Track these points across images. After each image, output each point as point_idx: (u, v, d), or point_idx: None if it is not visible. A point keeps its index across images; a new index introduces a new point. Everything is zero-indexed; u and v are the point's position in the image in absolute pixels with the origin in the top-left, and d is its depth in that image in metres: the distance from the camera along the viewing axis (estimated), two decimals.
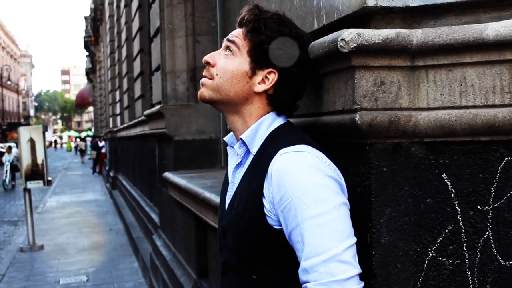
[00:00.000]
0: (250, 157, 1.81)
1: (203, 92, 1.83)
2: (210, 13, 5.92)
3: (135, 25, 11.47)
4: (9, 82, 69.11)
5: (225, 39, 1.85)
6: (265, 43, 1.77)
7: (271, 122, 1.82)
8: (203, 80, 1.83)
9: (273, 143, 1.73)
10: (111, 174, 20.16)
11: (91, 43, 36.41)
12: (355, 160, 1.84)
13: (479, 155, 1.70)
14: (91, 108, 57.33)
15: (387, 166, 1.77)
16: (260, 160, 1.74)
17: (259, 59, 1.78)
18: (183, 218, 5.31)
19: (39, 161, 10.59)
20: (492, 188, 1.69)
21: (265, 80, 1.80)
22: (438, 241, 1.76)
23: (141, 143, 11.19)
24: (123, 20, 14.94)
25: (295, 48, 1.82)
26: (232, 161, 1.92)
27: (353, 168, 1.85)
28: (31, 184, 10.60)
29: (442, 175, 1.74)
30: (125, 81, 15.27)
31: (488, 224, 1.71)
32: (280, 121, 1.83)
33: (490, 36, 1.59)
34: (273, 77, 1.79)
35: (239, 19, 1.86)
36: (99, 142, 30.29)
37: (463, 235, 1.74)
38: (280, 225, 1.64)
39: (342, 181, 1.67)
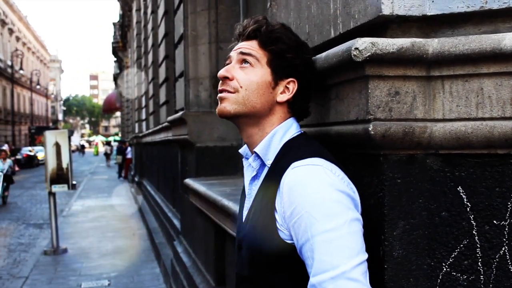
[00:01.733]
0: (265, 170, 1.80)
1: (226, 107, 1.78)
2: (233, 20, 5.92)
3: (161, 31, 11.54)
4: (38, 87, 70.16)
5: (235, 53, 1.83)
6: (285, 53, 1.77)
7: (284, 132, 1.80)
8: (224, 94, 1.79)
9: (287, 155, 1.71)
10: (136, 179, 20.30)
11: (119, 48, 36.80)
12: (368, 171, 1.81)
13: (495, 168, 1.66)
14: (118, 113, 57.79)
15: (401, 178, 1.73)
16: (273, 173, 1.72)
17: (279, 69, 1.78)
18: (203, 225, 5.30)
19: (64, 165, 10.69)
20: (509, 203, 1.65)
21: (286, 90, 1.80)
22: (453, 255, 1.72)
23: (165, 149, 11.24)
24: (149, 26, 15.06)
25: (310, 56, 1.85)
26: (248, 173, 1.91)
27: (367, 179, 1.82)
28: (55, 188, 10.70)
29: (458, 188, 1.70)
30: (151, 86, 15.37)
31: (504, 239, 1.66)
32: (293, 130, 1.81)
33: (508, 46, 1.55)
34: (293, 86, 1.81)
35: (243, 31, 1.84)
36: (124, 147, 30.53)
37: (478, 250, 1.69)
38: (292, 239, 1.62)
39: (355, 195, 1.64)
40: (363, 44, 1.62)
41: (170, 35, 10.58)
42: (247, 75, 1.77)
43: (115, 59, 43.94)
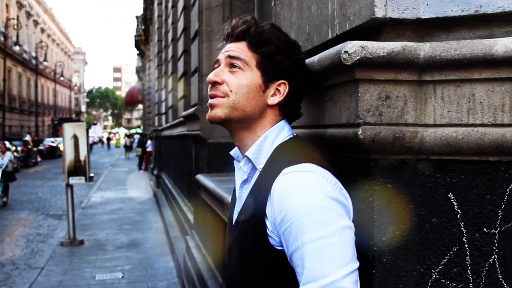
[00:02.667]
0: (257, 174, 1.77)
1: (217, 112, 1.75)
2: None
3: (180, 26, 11.56)
4: (62, 78, 70.76)
5: (223, 56, 1.79)
6: (275, 54, 1.74)
7: (276, 135, 1.77)
8: (214, 100, 1.76)
9: (278, 160, 1.68)
10: (155, 172, 20.40)
11: (142, 42, 36.97)
12: (360, 175, 1.79)
13: (487, 176, 1.63)
14: (141, 106, 58.10)
15: (391, 182, 1.71)
16: (264, 177, 1.69)
17: (269, 71, 1.75)
18: (212, 221, 5.31)
19: (82, 157, 10.77)
20: (500, 211, 1.62)
21: (277, 92, 1.77)
22: (442, 262, 1.70)
23: (181, 143, 11.28)
24: (170, 20, 15.09)
25: (301, 56, 1.82)
26: (239, 176, 1.88)
27: (359, 183, 1.80)
28: (73, 180, 10.79)
29: (449, 195, 1.68)
30: (170, 80, 15.42)
31: (494, 248, 1.64)
32: (285, 133, 1.79)
33: (499, 52, 1.52)
34: (284, 88, 1.77)
35: (232, 32, 1.81)
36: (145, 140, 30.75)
37: (468, 258, 1.67)
38: (282, 246, 1.60)
39: (348, 201, 1.61)
40: (353, 48, 1.60)
41: (188, 29, 10.59)
42: (237, 78, 1.73)
43: (138, 52, 44.16)
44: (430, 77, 1.65)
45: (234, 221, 1.85)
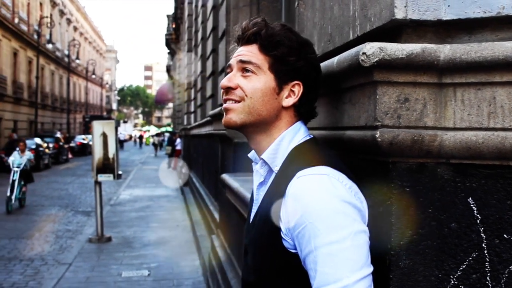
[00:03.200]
0: (273, 176, 1.76)
1: (232, 117, 1.74)
2: (275, 17, 5.89)
3: (209, 25, 11.59)
4: (93, 76, 71.55)
5: (235, 60, 1.77)
6: (287, 56, 1.72)
7: (292, 137, 1.76)
8: (229, 105, 1.74)
9: (293, 162, 1.67)
10: (184, 170, 20.50)
11: (172, 40, 37.21)
12: (378, 179, 1.77)
13: (508, 181, 1.60)
14: (171, 104, 58.48)
15: (410, 186, 1.69)
16: (280, 180, 1.68)
17: (282, 73, 1.73)
18: (236, 220, 5.31)
19: (110, 155, 10.90)
20: None
21: (291, 94, 1.75)
22: (461, 268, 1.67)
23: (209, 142, 11.31)
24: (199, 19, 15.15)
25: (314, 55, 1.80)
26: (256, 178, 1.88)
27: (377, 186, 1.78)
28: (101, 177, 10.91)
29: (468, 199, 1.65)
30: (199, 79, 15.48)
31: None
32: (301, 135, 1.77)
33: None
34: (298, 89, 1.75)
35: (243, 34, 1.78)
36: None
37: (487, 264, 1.63)
38: (296, 249, 1.58)
39: (363, 205, 1.60)
40: (371, 49, 1.58)
41: (217, 29, 10.62)
42: (250, 82, 1.72)
43: (168, 50, 44.43)
44: (450, 80, 1.62)
45: (250, 222, 1.85)
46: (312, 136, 1.81)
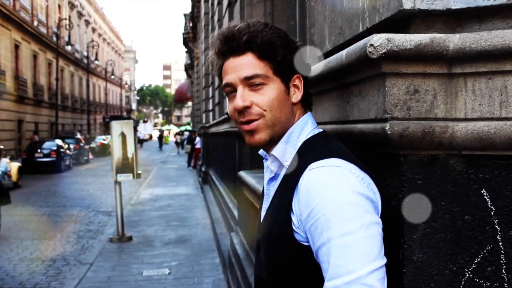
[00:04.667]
0: (284, 171, 1.75)
1: (261, 137, 1.70)
2: (289, 12, 5.87)
3: (225, 22, 11.59)
4: (112, 77, 72.02)
5: (237, 79, 1.69)
6: (286, 55, 1.70)
7: (301, 130, 1.75)
8: (252, 126, 1.69)
9: (304, 155, 1.66)
10: (203, 169, 20.55)
11: (189, 39, 37.27)
12: (390, 172, 1.75)
13: None
14: (190, 103, 58.67)
15: (422, 179, 1.66)
16: (291, 174, 1.67)
17: (286, 73, 1.72)
18: (254, 217, 5.30)
19: (129, 155, 10.92)
20: None
21: (295, 89, 1.75)
22: (476, 261, 1.64)
23: (227, 140, 11.32)
24: (216, 17, 15.15)
25: (293, 39, 1.79)
26: (267, 174, 1.88)
27: (389, 180, 1.76)
28: (121, 177, 10.96)
29: (482, 191, 1.62)
30: (216, 77, 15.49)
31: None
32: (309, 127, 1.76)
33: None
34: (299, 82, 1.76)
35: (230, 46, 1.70)
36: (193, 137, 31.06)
37: (502, 256, 1.60)
38: (308, 242, 1.57)
39: (376, 196, 1.57)
40: (379, 41, 1.56)
41: None
42: (264, 95, 1.68)
43: (186, 49, 44.55)
44: (460, 70, 1.59)
45: (262, 218, 1.84)
46: (321, 129, 1.80)
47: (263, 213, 1.85)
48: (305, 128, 1.76)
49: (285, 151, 1.73)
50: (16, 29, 36.42)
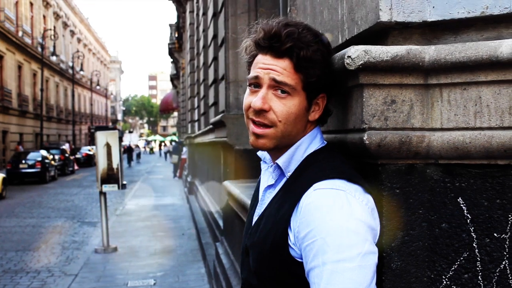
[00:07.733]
0: (284, 180, 1.74)
1: (266, 143, 1.67)
2: None
3: (210, 33, 11.63)
4: (98, 87, 71.83)
5: (266, 75, 1.64)
6: (321, 77, 1.66)
7: (309, 144, 1.73)
8: (262, 131, 1.66)
9: (309, 170, 1.65)
10: (189, 179, 20.52)
11: (175, 49, 37.30)
12: (369, 181, 1.77)
13: (496, 180, 1.60)
14: (176, 113, 58.60)
15: (400, 188, 1.69)
16: (293, 187, 1.66)
17: (314, 91, 1.68)
18: (239, 227, 5.32)
19: (114, 165, 10.88)
20: (510, 215, 1.59)
21: (315, 107, 1.71)
22: (453, 268, 1.67)
23: (212, 150, 11.32)
24: (201, 28, 15.20)
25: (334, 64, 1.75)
26: (265, 179, 1.86)
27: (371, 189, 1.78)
28: (106, 188, 10.92)
29: (458, 199, 1.65)
30: (202, 88, 15.51)
31: (505, 253, 1.61)
32: (317, 142, 1.75)
33: (505, 54, 1.49)
34: (322, 101, 1.73)
35: (270, 43, 1.64)
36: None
37: (478, 263, 1.64)
38: (302, 259, 1.57)
39: (376, 222, 1.58)
40: (356, 52, 1.59)
41: (218, 37, 10.66)
42: (285, 106, 1.63)
43: (172, 60, 44.55)
44: (436, 81, 1.63)
45: (253, 223, 1.82)
46: (326, 142, 1.79)
47: (255, 218, 1.82)
48: (313, 142, 1.74)
49: (290, 163, 1.72)
50: (1, 39, 36.26)
